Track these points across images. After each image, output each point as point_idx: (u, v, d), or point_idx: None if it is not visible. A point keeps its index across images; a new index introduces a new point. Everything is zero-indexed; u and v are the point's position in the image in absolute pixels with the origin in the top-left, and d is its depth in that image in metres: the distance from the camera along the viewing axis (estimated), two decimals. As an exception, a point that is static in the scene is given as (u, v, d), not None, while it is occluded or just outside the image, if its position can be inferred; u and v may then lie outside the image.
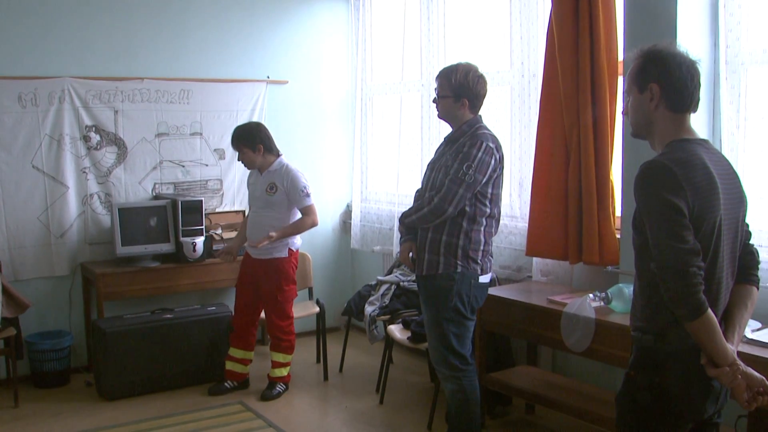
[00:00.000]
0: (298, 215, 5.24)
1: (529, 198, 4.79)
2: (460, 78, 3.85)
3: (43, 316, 5.74)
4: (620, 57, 4.32)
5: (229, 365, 5.42)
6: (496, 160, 3.82)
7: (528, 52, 4.99)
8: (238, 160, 5.30)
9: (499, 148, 3.87)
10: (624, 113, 2.63)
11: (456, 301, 3.84)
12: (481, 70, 3.94)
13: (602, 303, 4.00)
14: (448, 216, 3.79)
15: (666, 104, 2.45)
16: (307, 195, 5.19)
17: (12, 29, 5.48)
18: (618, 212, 4.38)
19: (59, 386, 5.55)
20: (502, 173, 3.92)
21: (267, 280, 5.23)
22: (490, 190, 3.84)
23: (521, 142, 5.06)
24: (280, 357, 5.33)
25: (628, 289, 3.88)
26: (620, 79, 4.35)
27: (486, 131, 3.88)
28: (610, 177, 4.39)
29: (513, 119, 5.13)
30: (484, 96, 3.94)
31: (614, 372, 4.25)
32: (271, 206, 5.19)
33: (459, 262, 3.82)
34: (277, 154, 5.27)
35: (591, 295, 4.02)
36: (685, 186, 2.30)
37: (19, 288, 5.41)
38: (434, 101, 3.98)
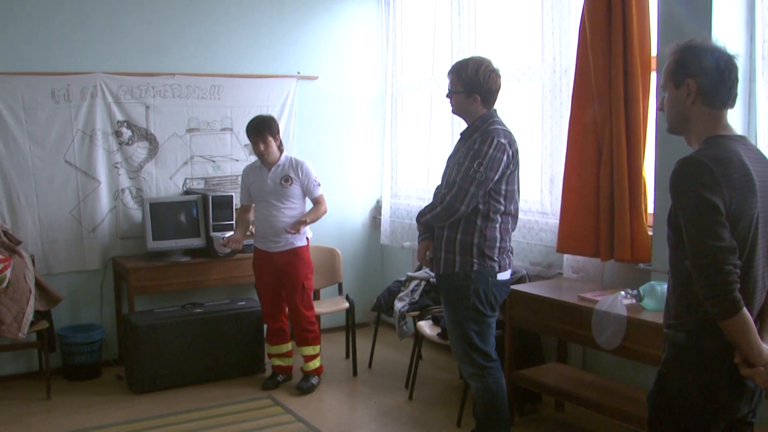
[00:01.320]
0: (308, 205, 5.35)
1: (560, 194, 4.74)
2: (470, 73, 3.80)
3: (75, 310, 5.81)
4: (653, 52, 4.27)
5: (276, 361, 5.49)
6: (509, 156, 3.75)
7: (560, 48, 4.94)
8: (258, 150, 5.19)
9: (512, 143, 3.80)
10: (659, 109, 2.58)
11: (474, 300, 3.80)
12: (496, 64, 3.87)
13: (634, 300, 3.96)
14: (461, 214, 3.75)
15: (703, 100, 2.42)
16: (319, 185, 5.32)
17: (44, 25, 5.53)
18: (650, 209, 4.33)
19: (90, 379, 5.61)
20: (516, 169, 3.85)
21: (292, 269, 5.25)
22: (503, 187, 3.78)
23: (552, 138, 5.02)
24: (310, 350, 5.37)
25: (660, 287, 3.85)
26: (653, 75, 4.30)
27: (498, 126, 3.81)
28: (643, 173, 4.33)
29: (544, 115, 5.09)
30: (496, 91, 3.86)
31: (645, 370, 4.20)
32: (287, 198, 5.21)
33: (475, 260, 3.78)
34: (281, 149, 5.32)
35: (622, 293, 3.99)
36: (721, 183, 2.27)
37: (51, 282, 5.48)
38: (447, 96, 3.95)
